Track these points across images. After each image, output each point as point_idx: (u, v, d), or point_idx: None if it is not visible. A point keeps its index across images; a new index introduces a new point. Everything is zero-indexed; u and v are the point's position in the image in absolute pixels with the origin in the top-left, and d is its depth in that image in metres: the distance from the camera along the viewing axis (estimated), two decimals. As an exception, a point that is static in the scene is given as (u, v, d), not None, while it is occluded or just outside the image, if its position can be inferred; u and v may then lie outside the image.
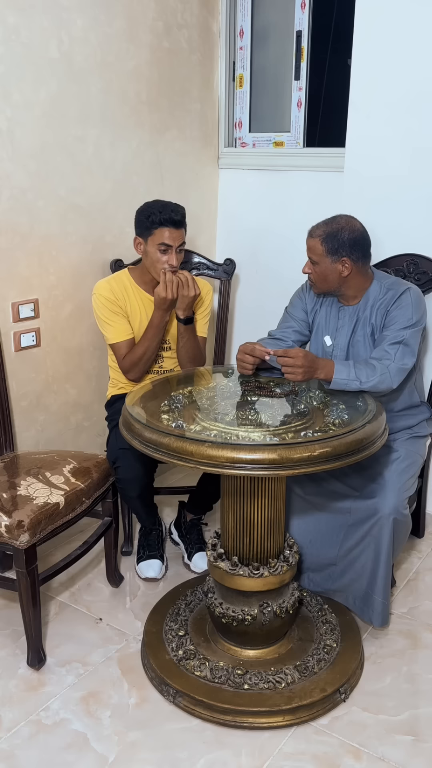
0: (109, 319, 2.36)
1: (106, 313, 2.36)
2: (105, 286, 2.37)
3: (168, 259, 2.30)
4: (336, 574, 2.15)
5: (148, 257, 2.33)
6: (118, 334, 2.38)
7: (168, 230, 2.28)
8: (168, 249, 2.30)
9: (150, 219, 2.28)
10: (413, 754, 1.73)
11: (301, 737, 1.78)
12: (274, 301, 2.54)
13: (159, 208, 2.28)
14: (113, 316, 2.36)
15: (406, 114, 2.45)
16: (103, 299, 2.35)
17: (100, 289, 2.37)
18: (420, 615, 2.24)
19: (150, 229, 2.29)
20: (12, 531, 1.89)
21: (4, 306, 2.38)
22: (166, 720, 1.83)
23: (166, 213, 2.27)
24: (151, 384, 2.16)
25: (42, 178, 2.40)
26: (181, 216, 2.30)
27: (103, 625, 2.19)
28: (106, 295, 2.35)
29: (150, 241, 2.30)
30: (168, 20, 2.77)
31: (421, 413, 2.32)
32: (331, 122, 2.95)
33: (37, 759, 1.71)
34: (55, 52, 2.35)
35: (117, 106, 2.63)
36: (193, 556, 2.47)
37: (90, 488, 2.13)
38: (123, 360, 2.38)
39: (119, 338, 2.38)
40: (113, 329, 2.37)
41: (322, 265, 2.09)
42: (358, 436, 1.71)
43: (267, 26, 3.11)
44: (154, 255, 2.31)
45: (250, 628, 1.90)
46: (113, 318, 2.36)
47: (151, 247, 2.30)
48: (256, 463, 1.60)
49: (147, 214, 2.29)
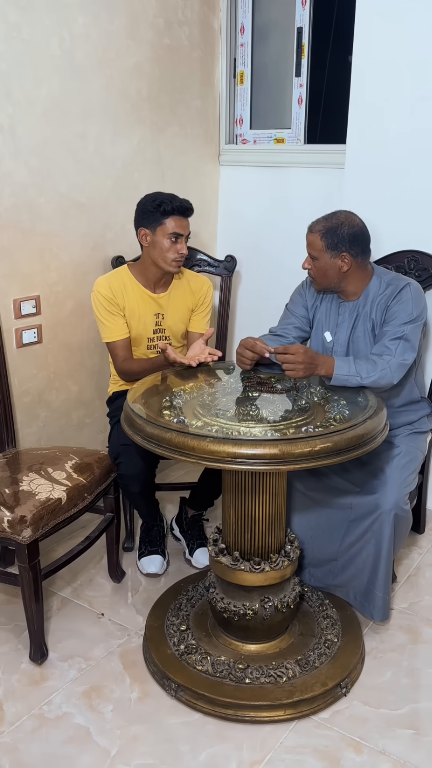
0: (104, 319, 2.37)
1: (103, 312, 2.37)
2: (104, 284, 2.38)
3: (180, 248, 2.32)
4: (337, 569, 2.16)
5: (156, 248, 2.33)
6: (113, 334, 2.38)
7: (179, 219, 2.30)
8: (179, 237, 2.31)
9: (161, 208, 2.28)
10: (414, 748, 1.74)
11: (302, 731, 1.79)
12: (275, 297, 2.54)
13: (168, 198, 2.31)
14: (109, 316, 2.37)
15: (407, 110, 2.45)
16: (101, 297, 2.36)
17: (99, 287, 2.38)
18: (420, 610, 2.25)
19: (160, 219, 2.29)
20: (14, 526, 1.90)
21: (5, 303, 2.38)
22: (168, 714, 1.84)
23: (176, 201, 2.30)
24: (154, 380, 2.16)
25: (43, 175, 2.41)
26: (190, 205, 2.34)
27: (105, 620, 2.20)
28: (104, 293, 2.36)
29: (159, 231, 2.31)
30: (169, 17, 2.77)
31: (422, 409, 2.32)
32: (332, 119, 2.95)
33: (39, 753, 1.72)
34: (56, 49, 2.36)
35: (118, 103, 2.64)
36: (195, 552, 2.48)
37: (92, 484, 2.14)
38: (121, 362, 2.40)
39: (114, 338, 2.39)
40: (108, 329, 2.38)
41: (322, 260, 2.09)
42: (359, 432, 1.71)
43: (268, 23, 3.11)
44: (164, 244, 2.31)
45: (251, 622, 1.91)
46: (109, 318, 2.37)
47: (161, 236, 2.31)
48: (257, 458, 1.60)
49: (157, 203, 2.29)
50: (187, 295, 2.50)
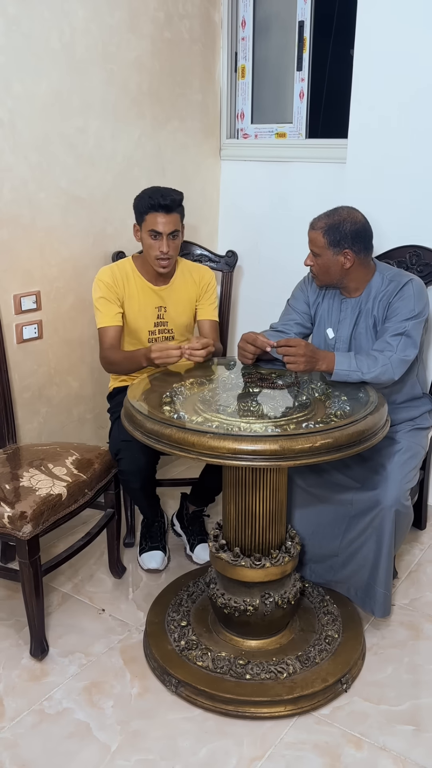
0: (100, 304, 2.36)
1: (99, 297, 2.36)
2: (107, 271, 2.38)
3: (159, 245, 2.28)
4: (338, 565, 2.15)
5: (144, 244, 2.34)
6: (105, 319, 2.37)
7: (157, 215, 2.25)
8: (158, 235, 2.28)
9: (142, 204, 2.29)
10: (414, 744, 1.74)
11: (302, 727, 1.79)
12: (276, 293, 2.53)
13: (149, 193, 2.28)
14: (105, 302, 2.36)
15: (409, 104, 2.43)
16: (101, 284, 2.36)
17: (102, 273, 2.38)
18: (421, 606, 2.25)
19: (143, 215, 2.29)
20: (15, 522, 1.89)
21: (6, 298, 2.38)
22: (168, 710, 1.84)
23: (154, 198, 2.25)
24: (154, 375, 2.16)
25: (43, 170, 2.40)
26: (170, 201, 2.25)
27: (106, 616, 2.20)
28: (105, 279, 2.36)
29: (143, 227, 2.31)
30: (169, 10, 2.76)
31: (423, 405, 2.32)
32: (334, 113, 2.94)
33: (40, 748, 1.72)
34: (56, 43, 2.34)
35: (118, 98, 2.63)
36: (195, 548, 2.48)
37: (92, 480, 2.14)
38: (106, 350, 2.37)
39: (105, 323, 2.36)
40: (101, 314, 2.37)
41: (324, 257, 2.08)
42: (360, 428, 1.71)
43: (269, 16, 3.09)
44: (147, 241, 2.31)
45: (252, 618, 1.91)
46: (105, 303, 2.36)
47: (144, 233, 2.31)
48: (257, 454, 1.60)
49: (139, 199, 2.30)
50: (189, 286, 2.49)
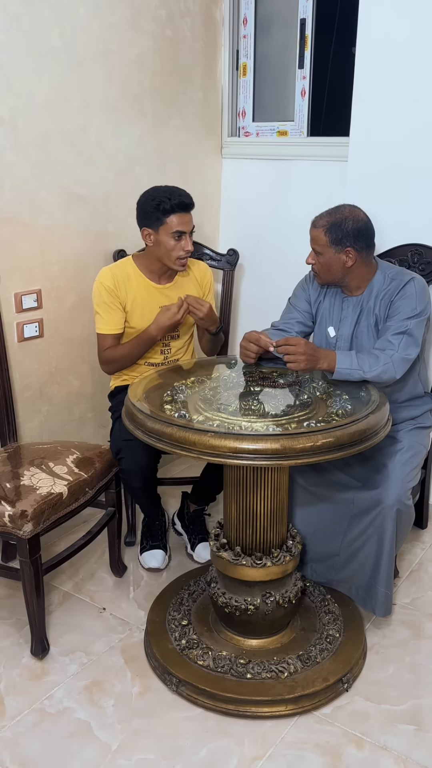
0: (102, 310, 2.34)
1: (101, 303, 2.34)
2: (107, 274, 2.35)
3: (185, 244, 2.27)
4: (339, 564, 2.15)
5: (161, 247, 2.28)
6: (106, 326, 2.35)
7: (180, 216, 2.24)
8: (183, 235, 2.27)
9: (160, 207, 2.22)
10: (415, 744, 1.73)
11: (303, 726, 1.79)
12: (278, 291, 2.53)
13: (167, 195, 2.24)
14: (107, 308, 2.33)
15: (411, 103, 2.42)
16: (102, 288, 2.33)
17: (102, 277, 2.34)
18: (423, 605, 2.24)
19: (161, 219, 2.24)
20: (15, 521, 1.89)
21: (7, 296, 2.37)
22: (169, 709, 1.84)
23: (175, 198, 2.23)
24: (156, 374, 2.15)
25: (44, 168, 2.39)
26: (190, 199, 2.27)
27: (107, 615, 2.20)
28: (106, 284, 2.33)
29: (162, 231, 2.25)
30: (171, 8, 2.75)
31: (425, 404, 2.31)
32: (336, 111, 2.93)
33: (40, 747, 1.72)
34: (57, 41, 2.34)
35: (119, 95, 2.62)
36: (196, 547, 2.47)
37: (93, 478, 2.13)
38: (104, 352, 2.36)
39: (106, 330, 2.35)
40: (103, 320, 2.35)
41: (326, 255, 2.07)
42: (361, 427, 1.70)
43: (271, 14, 3.08)
44: (169, 244, 2.26)
45: (253, 617, 1.91)
46: (106, 309, 2.33)
47: (164, 236, 2.26)
48: (258, 453, 1.60)
49: (156, 203, 2.23)
50: (193, 284, 2.48)
